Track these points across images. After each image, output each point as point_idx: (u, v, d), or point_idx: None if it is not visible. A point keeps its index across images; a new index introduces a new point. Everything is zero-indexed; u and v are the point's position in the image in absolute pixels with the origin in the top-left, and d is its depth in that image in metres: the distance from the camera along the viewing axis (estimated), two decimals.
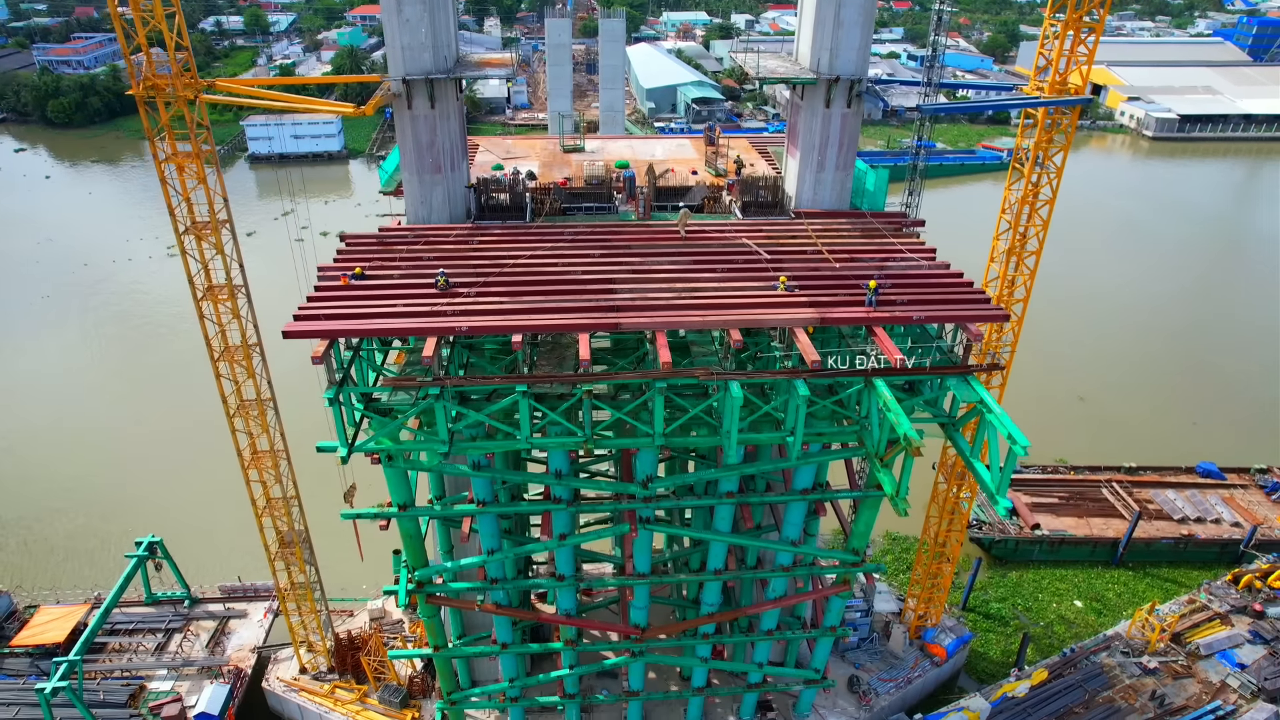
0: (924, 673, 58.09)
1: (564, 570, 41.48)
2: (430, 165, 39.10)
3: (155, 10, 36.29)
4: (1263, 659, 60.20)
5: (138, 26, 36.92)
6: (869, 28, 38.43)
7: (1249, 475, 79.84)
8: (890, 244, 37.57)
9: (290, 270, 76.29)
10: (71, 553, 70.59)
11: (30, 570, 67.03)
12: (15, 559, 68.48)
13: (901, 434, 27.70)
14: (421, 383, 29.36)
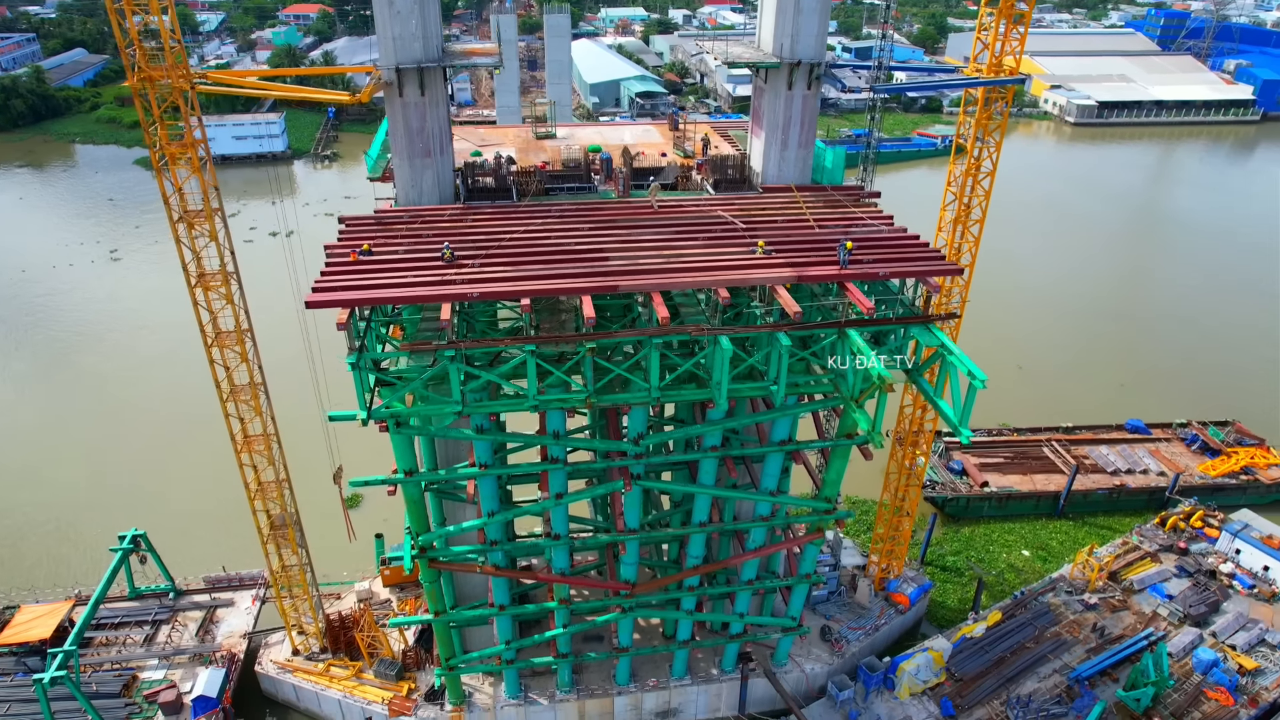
0: (889, 620, 62.22)
1: (559, 529, 44.04)
2: (421, 150, 41.18)
3: (151, 4, 37.56)
4: (1187, 590, 66.04)
5: (129, 20, 38.19)
6: (826, 15, 41.87)
7: (1171, 430, 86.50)
8: (852, 212, 41.12)
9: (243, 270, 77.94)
10: (44, 553, 70.21)
11: (3, 573, 66.51)
12: None
13: (875, 374, 31.11)
14: (437, 346, 31.64)
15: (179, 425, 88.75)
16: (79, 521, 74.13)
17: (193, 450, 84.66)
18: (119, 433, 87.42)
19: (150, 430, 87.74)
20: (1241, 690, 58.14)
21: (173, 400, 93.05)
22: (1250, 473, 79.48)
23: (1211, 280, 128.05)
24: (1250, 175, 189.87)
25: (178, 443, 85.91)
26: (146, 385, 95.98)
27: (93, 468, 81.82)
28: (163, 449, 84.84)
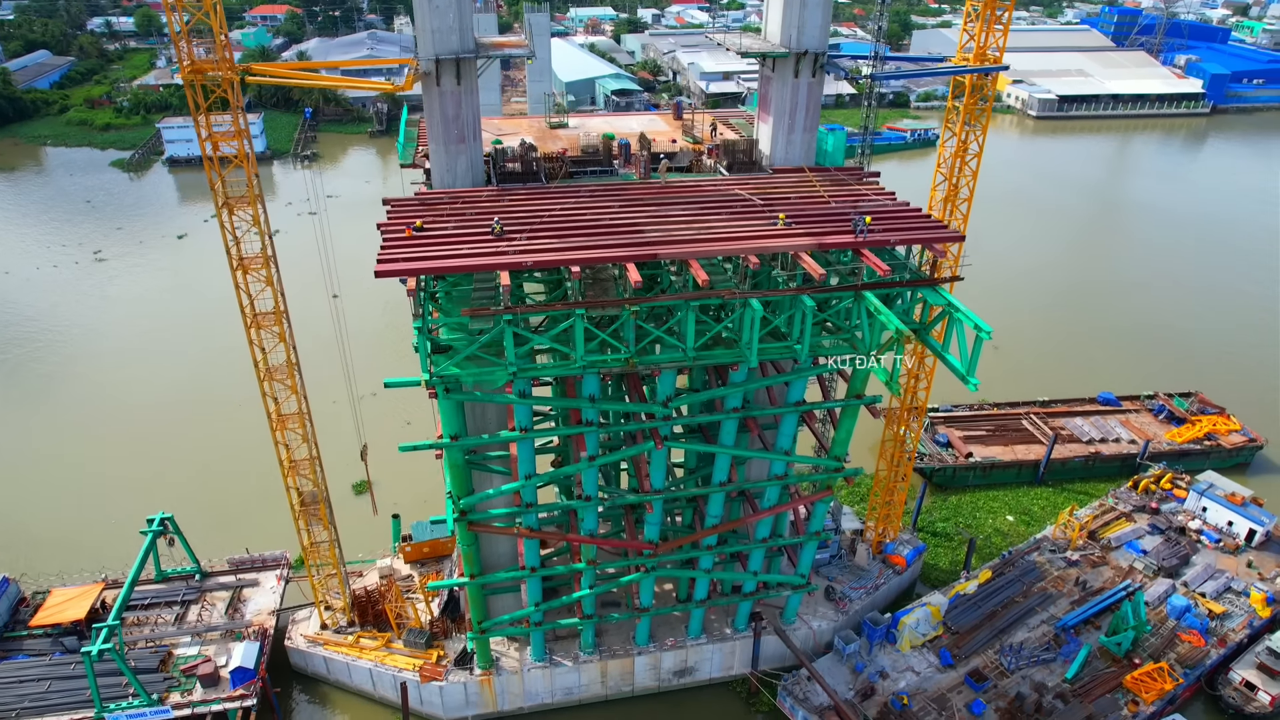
0: (888, 580, 65.98)
1: (590, 491, 46.96)
2: (455, 136, 43.83)
3: (204, 2, 39.83)
4: (1160, 545, 70.77)
5: (180, 17, 40.45)
6: (829, 8, 45.34)
7: (1140, 401, 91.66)
8: (858, 189, 44.62)
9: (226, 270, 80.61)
10: (66, 541, 71.44)
11: (31, 558, 67.72)
12: (14, 548, 68.95)
13: (893, 328, 34.56)
14: (495, 311, 34.41)
15: (190, 416, 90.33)
16: (98, 510, 75.66)
17: (207, 440, 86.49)
18: (130, 426, 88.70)
19: (163, 422, 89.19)
20: (1211, 633, 62.81)
21: (179, 393, 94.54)
22: (1213, 439, 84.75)
23: (1170, 264, 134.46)
24: (1202, 165, 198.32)
25: (191, 433, 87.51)
26: (151, 381, 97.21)
27: (109, 459, 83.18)
28: (177, 440, 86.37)
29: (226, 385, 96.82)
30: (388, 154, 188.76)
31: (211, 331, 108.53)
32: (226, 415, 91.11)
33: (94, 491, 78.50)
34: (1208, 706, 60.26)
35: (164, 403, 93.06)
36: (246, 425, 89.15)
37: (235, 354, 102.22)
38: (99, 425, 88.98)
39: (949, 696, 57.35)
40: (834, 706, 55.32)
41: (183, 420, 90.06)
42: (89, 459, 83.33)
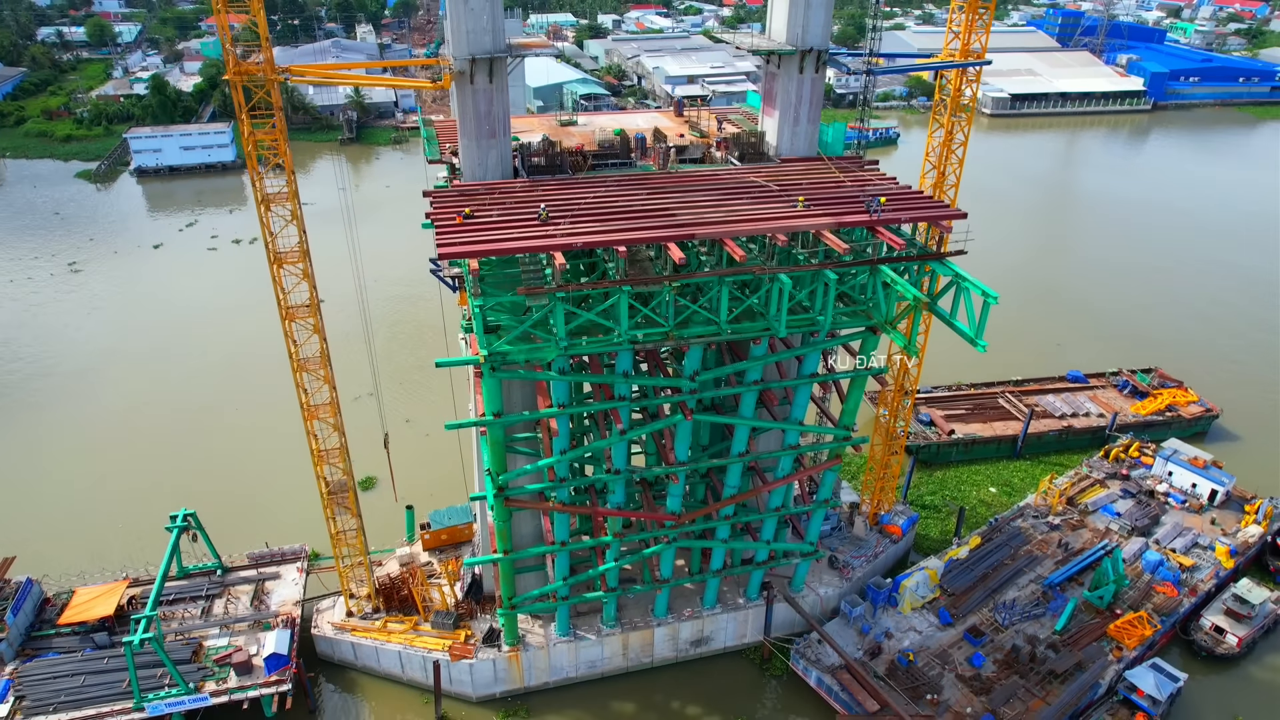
0: (885, 549, 69.78)
1: (620, 465, 49.68)
2: (487, 131, 46.37)
3: (252, 6, 41.92)
4: (1132, 507, 75.78)
5: (224, 22, 42.49)
6: (830, 9, 48.88)
7: (1105, 378, 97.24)
8: (862, 175, 48.21)
9: (209, 277, 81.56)
10: (82, 541, 72.01)
11: (50, 560, 68.15)
12: (33, 550, 69.27)
13: (911, 297, 38.04)
14: (549, 289, 37.06)
15: (192, 419, 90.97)
16: (112, 512, 76.53)
17: (211, 441, 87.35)
18: (133, 430, 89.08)
19: (165, 426, 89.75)
20: (1183, 584, 67.73)
21: (177, 397, 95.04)
22: (1173, 410, 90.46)
23: (1122, 250, 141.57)
24: (1147, 157, 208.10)
25: (195, 436, 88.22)
26: (149, 386, 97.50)
27: (115, 463, 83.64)
28: (181, 443, 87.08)
29: (224, 388, 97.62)
30: (359, 161, 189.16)
31: (203, 336, 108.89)
32: (227, 416, 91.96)
33: (106, 495, 79.18)
34: (1183, 650, 65.02)
35: (164, 406, 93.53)
36: (247, 426, 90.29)
37: (229, 357, 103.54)
38: (101, 431, 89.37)
39: (950, 652, 61.19)
40: (845, 666, 58.72)
41: (185, 423, 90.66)
42: (96, 464, 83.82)
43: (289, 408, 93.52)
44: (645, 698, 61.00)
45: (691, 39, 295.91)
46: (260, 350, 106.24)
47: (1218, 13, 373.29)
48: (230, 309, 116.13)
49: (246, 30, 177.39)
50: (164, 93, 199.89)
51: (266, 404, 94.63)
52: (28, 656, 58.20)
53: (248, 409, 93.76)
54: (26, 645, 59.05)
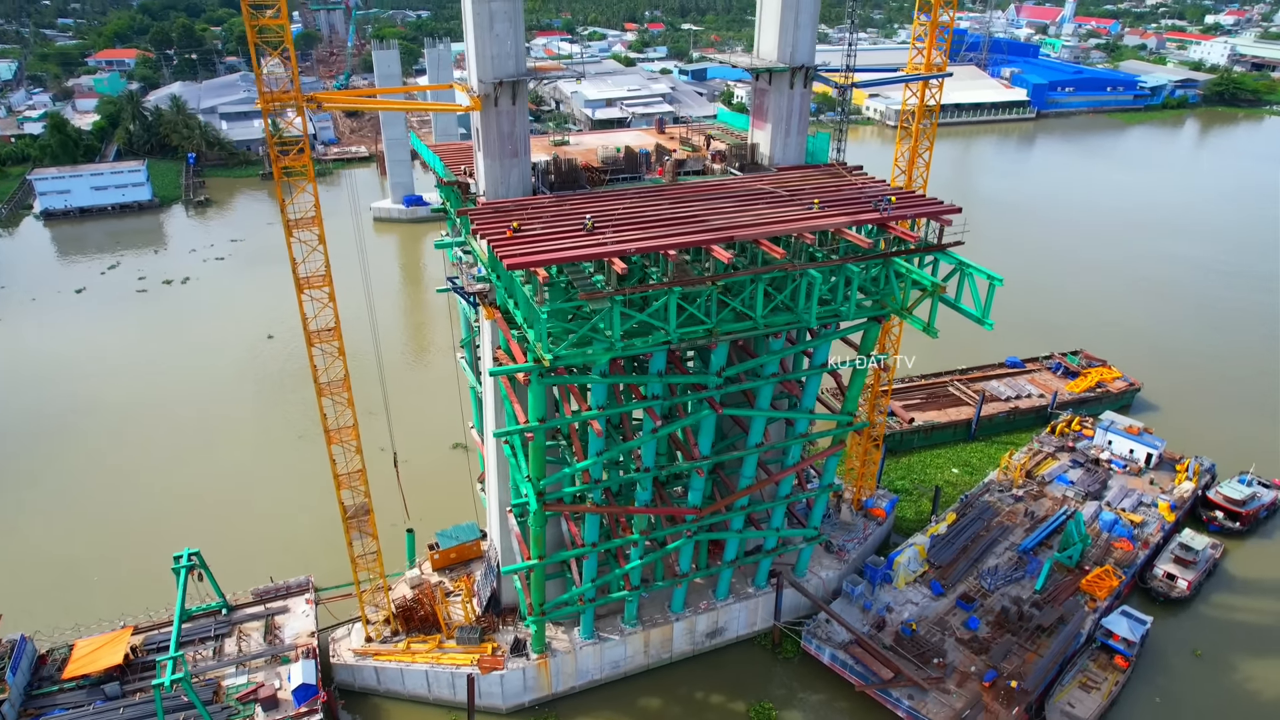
0: (872, 531, 74.19)
1: (649, 463, 52.06)
2: (509, 151, 48.44)
3: (285, 36, 42.97)
4: (1083, 475, 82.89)
5: (253, 53, 43.38)
6: (815, 28, 53.27)
7: (1039, 361, 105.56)
8: (855, 181, 52.55)
9: (146, 319, 79.65)
10: (72, 593, 68.95)
11: (40, 614, 65.00)
12: (21, 606, 65.86)
13: (928, 284, 42.22)
14: (607, 293, 39.37)
15: (164, 461, 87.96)
16: (97, 561, 73.58)
17: (189, 482, 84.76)
18: (104, 476, 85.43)
19: (137, 468, 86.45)
20: (1136, 538, 74.69)
21: (147, 439, 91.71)
22: (1102, 386, 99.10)
23: (1027, 244, 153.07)
24: (1036, 160, 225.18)
25: (171, 478, 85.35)
26: (116, 430, 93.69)
27: (95, 513, 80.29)
28: (159, 485, 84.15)
29: (190, 429, 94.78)
30: None
31: (157, 379, 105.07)
32: (199, 456, 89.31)
33: (81, 546, 75.98)
34: (1142, 597, 71.63)
35: (132, 451, 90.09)
36: (221, 463, 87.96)
37: (188, 397, 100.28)
38: (69, 482, 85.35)
39: (947, 619, 65.78)
40: (856, 640, 62.41)
41: (155, 466, 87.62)
42: (67, 517, 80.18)
43: (263, 441, 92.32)
44: (669, 691, 63.03)
45: (604, 63, 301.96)
46: (222, 386, 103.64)
47: (1078, 29, 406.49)
48: (182, 349, 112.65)
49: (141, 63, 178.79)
50: (64, 131, 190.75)
51: (240, 439, 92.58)
52: (31, 717, 55.67)
53: (220, 446, 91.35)
54: (28, 705, 56.46)
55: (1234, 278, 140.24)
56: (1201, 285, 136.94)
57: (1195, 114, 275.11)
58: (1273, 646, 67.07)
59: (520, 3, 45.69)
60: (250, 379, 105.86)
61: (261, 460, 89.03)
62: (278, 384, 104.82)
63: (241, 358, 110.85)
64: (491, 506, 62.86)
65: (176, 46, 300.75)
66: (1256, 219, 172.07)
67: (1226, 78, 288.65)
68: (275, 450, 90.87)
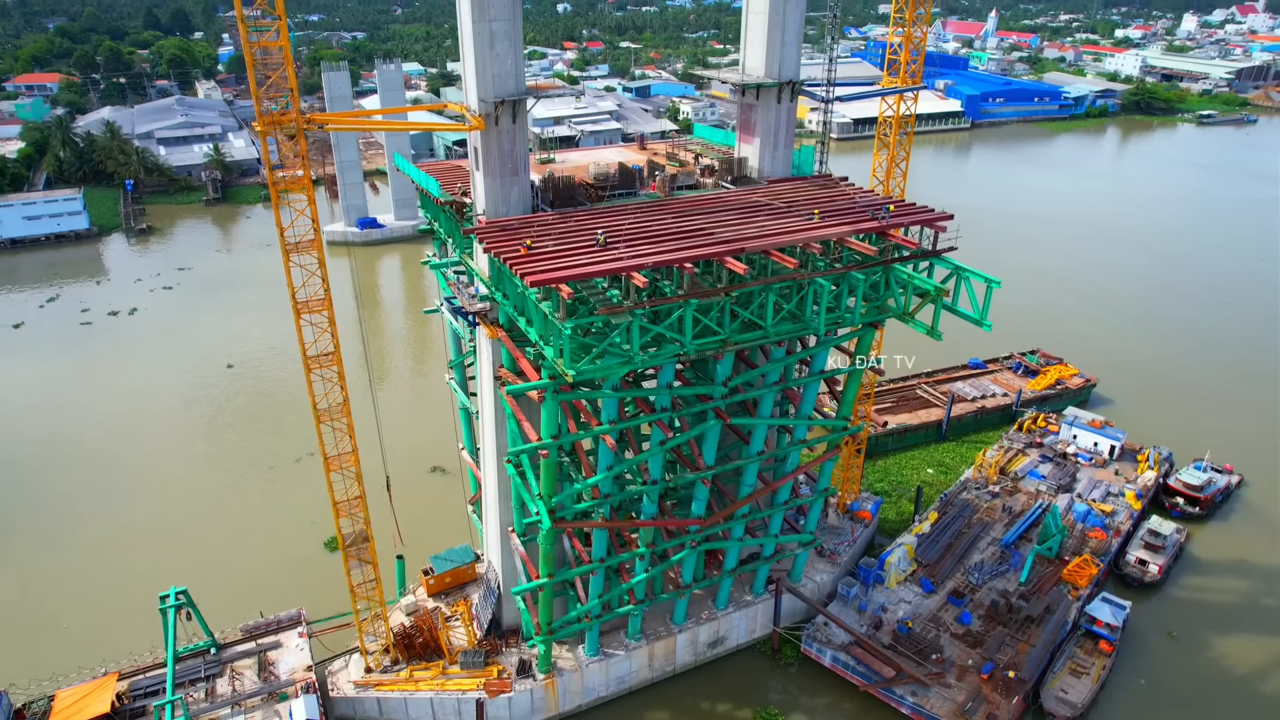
0: (859, 534, 75.64)
1: (656, 475, 52.32)
2: (510, 169, 48.46)
3: (285, 58, 42.37)
4: (1052, 470, 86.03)
5: (251, 77, 42.69)
6: (800, 45, 54.79)
7: (1000, 362, 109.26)
8: (847, 191, 54.04)
9: (87, 354, 76.23)
10: (44, 643, 65.57)
11: (10, 668, 61.72)
12: None
13: (932, 289, 43.69)
14: (627, 307, 39.65)
15: (129, 497, 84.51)
16: (65, 607, 70.29)
17: (161, 521, 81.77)
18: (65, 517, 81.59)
19: (99, 507, 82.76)
20: (1108, 527, 77.79)
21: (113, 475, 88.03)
22: (1061, 383, 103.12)
23: (973, 251, 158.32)
24: (973, 167, 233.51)
25: (138, 515, 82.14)
26: (77, 468, 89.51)
27: (62, 559, 76.45)
28: (125, 524, 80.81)
29: (155, 462, 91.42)
30: (228, 222, 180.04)
31: (109, 414, 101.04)
32: (169, 492, 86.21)
33: (57, 590, 72.61)
34: (1117, 584, 74.54)
35: (97, 488, 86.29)
36: (195, 500, 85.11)
37: (149, 430, 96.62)
38: (36, 526, 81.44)
39: (940, 615, 67.40)
40: (857, 641, 63.47)
41: (122, 504, 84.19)
42: (39, 561, 76.50)
43: (232, 474, 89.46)
44: (674, 703, 63.04)
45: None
46: (184, 420, 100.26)
47: (1001, 43, 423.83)
48: (138, 382, 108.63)
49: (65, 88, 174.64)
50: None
51: (208, 473, 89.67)
52: None
53: (188, 482, 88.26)
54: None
55: (1163, 278, 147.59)
56: (1135, 286, 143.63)
57: (1115, 122, 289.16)
58: (1240, 625, 70.46)
59: (519, 22, 45.94)
60: (213, 410, 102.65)
61: (233, 494, 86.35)
62: (242, 414, 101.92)
63: (202, 389, 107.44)
64: (490, 528, 62.20)
65: (103, 70, 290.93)
66: (1179, 222, 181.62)
67: (1142, 88, 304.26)
68: (247, 483, 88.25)
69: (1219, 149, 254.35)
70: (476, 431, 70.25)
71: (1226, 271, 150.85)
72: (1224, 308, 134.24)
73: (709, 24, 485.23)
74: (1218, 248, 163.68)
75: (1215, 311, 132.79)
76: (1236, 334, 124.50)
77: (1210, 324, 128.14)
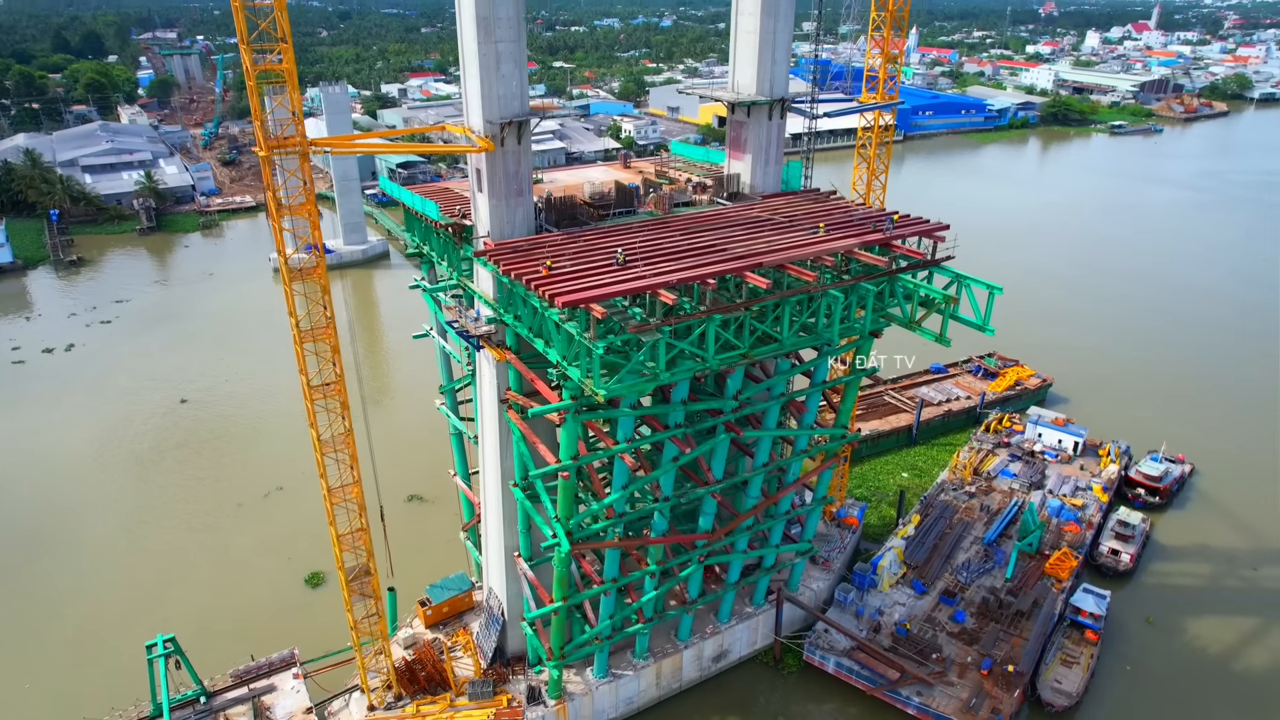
0: (847, 540, 76.88)
1: (668, 492, 52.32)
2: (514, 190, 48.16)
3: (290, 81, 41.33)
4: (1022, 468, 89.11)
5: (253, 99, 41.54)
6: (788, 64, 56.12)
7: (960, 366, 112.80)
8: (841, 204, 55.36)
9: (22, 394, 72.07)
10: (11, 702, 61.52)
11: None
12: None
13: (940, 297, 45.09)
14: (655, 325, 39.72)
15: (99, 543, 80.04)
16: (29, 666, 65.97)
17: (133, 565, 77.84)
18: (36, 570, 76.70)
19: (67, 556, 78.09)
20: (1081, 520, 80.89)
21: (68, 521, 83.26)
22: (1020, 384, 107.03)
23: None
24: (904, 179, 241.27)
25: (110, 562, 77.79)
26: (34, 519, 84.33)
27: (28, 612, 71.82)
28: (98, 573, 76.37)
29: (114, 505, 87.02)
30: (165, 252, 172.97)
31: (58, 457, 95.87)
32: (133, 537, 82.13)
33: (18, 651, 67.97)
34: (1093, 574, 77.47)
35: (55, 537, 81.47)
36: (162, 543, 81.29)
37: (104, 472, 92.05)
38: None
39: (934, 615, 68.92)
40: (859, 646, 64.36)
41: (85, 553, 79.75)
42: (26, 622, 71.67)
43: (199, 514, 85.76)
44: None
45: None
46: (141, 459, 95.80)
47: (923, 58, 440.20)
48: (84, 422, 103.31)
49: None
50: None
51: (174, 514, 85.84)
52: None
53: (152, 524, 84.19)
54: None
55: (1092, 280, 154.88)
56: (1069, 288, 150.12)
57: (1036, 133, 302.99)
58: (1209, 607, 73.98)
59: (524, 43, 45.86)
60: (172, 447, 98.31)
61: (204, 535, 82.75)
62: (204, 450, 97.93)
63: (157, 426, 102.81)
64: (492, 553, 61.09)
65: (13, 96, 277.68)
66: (1100, 226, 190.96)
67: (1058, 100, 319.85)
68: (216, 522, 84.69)
69: (1131, 157, 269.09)
70: (471, 456, 69.15)
71: (1148, 272, 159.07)
72: (1153, 309, 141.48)
73: (639, 43, 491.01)
74: (1140, 251, 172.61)
75: (1146, 310, 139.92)
76: (1167, 330, 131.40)
77: (1143, 322, 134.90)
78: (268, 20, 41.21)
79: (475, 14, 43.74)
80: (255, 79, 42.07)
